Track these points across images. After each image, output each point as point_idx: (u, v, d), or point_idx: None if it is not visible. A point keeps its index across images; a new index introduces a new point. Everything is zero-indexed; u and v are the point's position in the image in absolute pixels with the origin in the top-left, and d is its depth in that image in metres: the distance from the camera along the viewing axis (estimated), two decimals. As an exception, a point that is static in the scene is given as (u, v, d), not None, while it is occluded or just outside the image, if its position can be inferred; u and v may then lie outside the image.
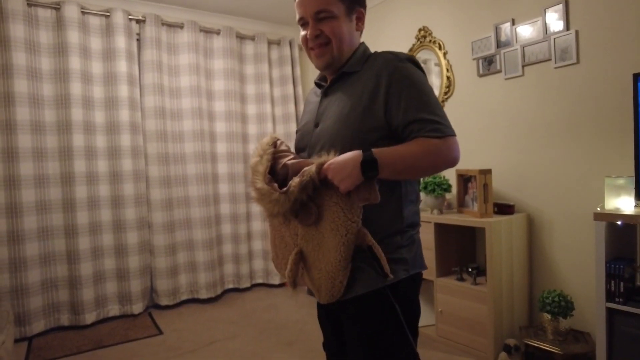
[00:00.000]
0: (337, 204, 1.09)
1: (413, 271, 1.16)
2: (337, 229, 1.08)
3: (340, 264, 1.08)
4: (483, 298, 2.37)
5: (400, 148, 1.07)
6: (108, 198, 3.23)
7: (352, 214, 1.08)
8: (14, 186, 2.85)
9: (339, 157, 1.06)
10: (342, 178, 1.04)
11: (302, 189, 1.07)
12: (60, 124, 3.04)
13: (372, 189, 1.06)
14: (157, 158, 3.41)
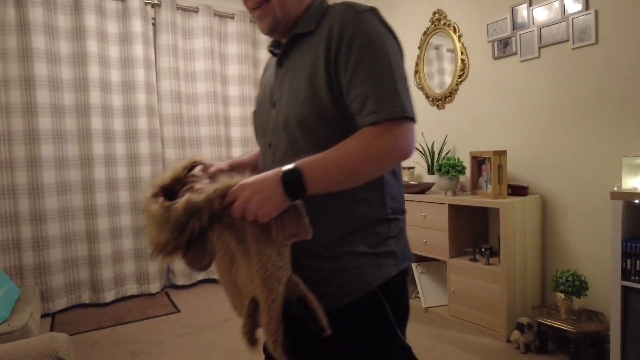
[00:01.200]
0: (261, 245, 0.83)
1: (403, 265, 1.01)
2: (264, 282, 0.83)
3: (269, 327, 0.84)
4: (496, 278, 2.40)
5: (333, 151, 0.84)
6: (126, 180, 3.29)
7: (281, 259, 0.84)
8: (36, 168, 2.92)
9: (252, 178, 0.83)
10: (259, 203, 0.80)
11: (190, 209, 0.78)
12: (79, 107, 3.10)
13: (300, 218, 0.83)
14: (173, 141, 3.46)
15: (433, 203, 2.76)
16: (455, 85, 3.03)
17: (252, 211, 0.80)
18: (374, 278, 0.95)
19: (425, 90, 3.28)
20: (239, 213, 0.81)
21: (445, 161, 2.73)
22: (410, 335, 1.01)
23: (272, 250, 0.84)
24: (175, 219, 0.78)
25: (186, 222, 0.78)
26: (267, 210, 0.81)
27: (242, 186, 0.82)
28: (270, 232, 0.83)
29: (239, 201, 0.81)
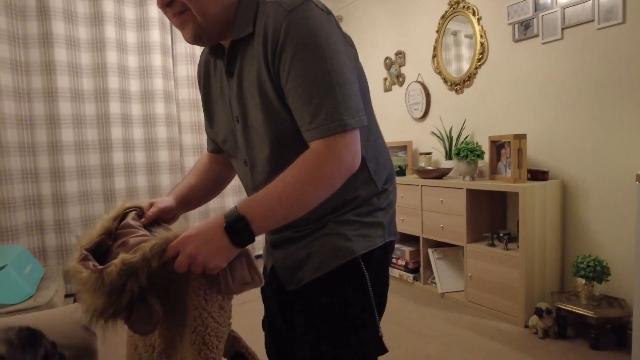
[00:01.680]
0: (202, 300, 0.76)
1: (389, 238, 0.99)
2: (204, 341, 0.75)
3: None
4: (515, 263, 2.37)
5: (275, 185, 0.79)
6: (144, 164, 3.33)
7: (222, 314, 0.78)
8: (57, 152, 2.97)
9: (194, 228, 0.78)
10: (206, 256, 0.75)
11: (126, 271, 0.71)
12: (97, 92, 3.13)
13: (251, 264, 0.79)
14: (190, 126, 3.49)
15: (451, 188, 2.73)
16: (474, 69, 2.98)
17: (199, 265, 0.75)
18: (358, 246, 0.93)
19: (444, 75, 3.24)
20: (184, 268, 0.75)
21: (463, 145, 2.70)
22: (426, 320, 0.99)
23: (214, 306, 0.77)
24: (110, 283, 0.71)
25: (123, 284, 0.71)
26: (217, 263, 0.76)
27: (185, 239, 0.76)
28: (214, 286, 0.77)
29: (182, 256, 0.75)
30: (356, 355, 0.92)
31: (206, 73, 1.04)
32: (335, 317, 0.92)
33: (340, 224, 0.93)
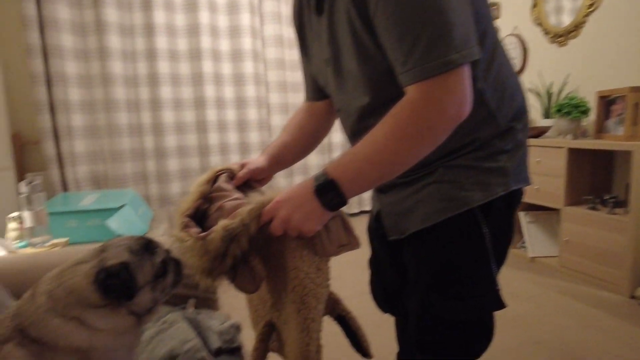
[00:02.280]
0: (298, 261, 0.77)
1: (515, 186, 0.85)
2: (302, 300, 0.77)
3: (308, 349, 0.78)
4: (622, 228, 2.19)
5: (365, 144, 0.73)
6: (235, 122, 3.49)
7: (320, 275, 0.79)
8: (158, 108, 3.21)
9: (285, 192, 0.77)
10: (300, 220, 0.74)
11: (227, 237, 0.73)
12: (192, 52, 3.29)
13: (347, 226, 0.79)
14: (277, 85, 3.57)
15: (550, 147, 2.55)
16: (582, 17, 2.70)
17: (293, 229, 0.75)
18: (474, 196, 0.82)
19: (544, 26, 2.97)
20: (279, 232, 0.76)
21: (566, 101, 2.49)
22: (515, 282, 0.93)
23: (311, 267, 0.78)
24: (214, 249, 0.74)
25: (225, 249, 0.74)
26: (311, 226, 0.75)
27: (277, 204, 0.76)
28: (310, 247, 0.77)
29: (277, 220, 0.75)
30: (469, 308, 0.89)
31: (300, 10, 0.99)
32: (447, 269, 0.87)
33: (452, 170, 0.83)
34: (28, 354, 0.72)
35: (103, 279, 0.73)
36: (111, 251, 0.78)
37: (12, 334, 0.73)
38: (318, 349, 0.79)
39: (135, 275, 0.76)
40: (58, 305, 0.74)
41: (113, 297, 0.75)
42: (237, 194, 0.87)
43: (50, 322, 0.73)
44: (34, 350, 0.72)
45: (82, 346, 0.73)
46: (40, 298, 0.75)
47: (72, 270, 0.77)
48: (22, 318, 0.74)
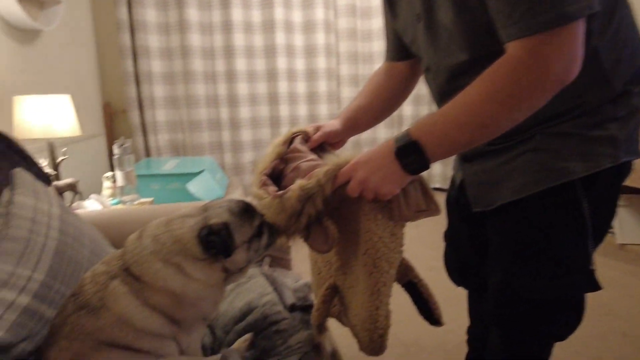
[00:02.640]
0: (372, 224, 0.76)
1: (625, 158, 0.76)
2: (374, 264, 0.76)
3: (377, 313, 0.77)
4: None
5: (455, 105, 0.67)
6: (305, 94, 3.52)
7: (394, 240, 0.77)
8: (233, 80, 3.31)
9: (364, 154, 0.74)
10: (378, 182, 0.71)
11: (304, 196, 0.74)
12: (265, 23, 3.33)
13: (426, 191, 0.75)
14: (348, 57, 3.54)
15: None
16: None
17: (370, 191, 0.73)
18: (576, 167, 0.74)
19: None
20: (355, 193, 0.74)
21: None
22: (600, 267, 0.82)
23: (385, 231, 0.76)
24: (290, 207, 0.75)
25: (301, 208, 0.75)
26: (388, 189, 0.72)
27: (355, 165, 0.73)
28: (386, 211, 0.75)
29: (354, 182, 0.73)
30: (559, 287, 0.83)
31: None
32: (537, 245, 0.82)
33: (552, 138, 0.76)
34: (130, 291, 0.79)
35: (205, 235, 0.79)
36: (214, 210, 0.83)
37: (119, 272, 0.81)
38: (387, 314, 0.78)
39: (234, 234, 0.81)
40: (162, 250, 0.80)
41: (212, 253, 0.80)
42: (312, 156, 0.88)
43: (153, 264, 0.80)
44: (135, 288, 0.79)
45: (176, 290, 0.80)
46: (147, 240, 0.82)
47: (180, 221, 0.83)
48: (127, 257, 0.82)
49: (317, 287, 0.97)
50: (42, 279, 0.87)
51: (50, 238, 0.94)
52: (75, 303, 0.80)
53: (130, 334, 0.79)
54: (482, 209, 0.90)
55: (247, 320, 0.99)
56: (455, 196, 1.06)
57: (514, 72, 0.63)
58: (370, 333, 0.77)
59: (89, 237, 1.10)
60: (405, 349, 1.69)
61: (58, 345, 0.78)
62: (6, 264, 0.83)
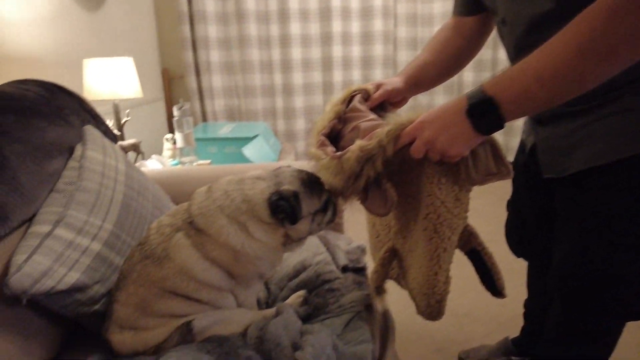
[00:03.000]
0: (435, 188, 0.72)
1: None
2: (435, 229, 0.73)
3: (436, 278, 0.75)
4: None
5: (536, 56, 0.61)
6: (359, 59, 3.43)
7: (458, 205, 0.73)
8: (286, 45, 3.29)
9: (431, 112, 0.70)
10: (445, 143, 0.67)
11: (363, 157, 0.71)
12: (321, -14, 3.25)
13: (498, 153, 0.69)
14: (406, 18, 3.39)
15: None
16: None
17: (437, 152, 0.68)
18: None
19: None
20: (420, 155, 0.70)
21: None
22: None
23: (449, 195, 0.72)
24: (348, 168, 0.73)
25: (360, 170, 0.72)
26: (457, 151, 0.67)
27: (421, 124, 0.69)
28: (451, 174, 0.70)
29: (419, 142, 0.69)
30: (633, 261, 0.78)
31: None
32: (617, 216, 0.77)
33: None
34: (192, 244, 0.82)
35: (275, 200, 0.80)
36: (286, 177, 0.84)
37: (183, 225, 0.84)
38: (446, 280, 0.76)
39: (302, 204, 0.82)
40: (230, 207, 0.83)
41: (278, 218, 0.81)
42: (372, 115, 0.85)
43: (218, 218, 0.82)
44: (197, 241, 0.83)
45: (236, 247, 0.82)
46: (216, 194, 0.85)
47: (252, 182, 0.85)
48: (193, 209, 0.85)
49: (374, 251, 0.97)
50: (111, 229, 0.92)
51: (118, 191, 1.00)
52: (141, 252, 0.85)
53: (191, 285, 0.83)
54: (554, 176, 0.85)
55: (300, 278, 1.01)
56: (524, 162, 1.01)
57: (611, 18, 0.56)
58: (427, 298, 0.76)
59: (152, 192, 1.15)
60: (457, 319, 1.67)
61: (126, 289, 0.84)
62: (81, 213, 0.89)
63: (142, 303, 0.83)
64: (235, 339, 0.79)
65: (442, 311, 0.77)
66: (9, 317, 0.77)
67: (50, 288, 0.77)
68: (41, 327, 0.83)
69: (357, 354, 0.77)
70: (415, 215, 0.78)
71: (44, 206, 0.89)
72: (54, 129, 1.04)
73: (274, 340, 0.74)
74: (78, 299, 0.83)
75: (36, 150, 0.95)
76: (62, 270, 0.79)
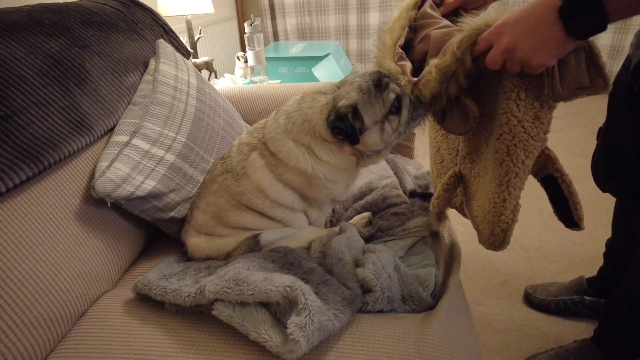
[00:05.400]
0: (512, 105, 0.62)
1: None
2: (508, 151, 0.65)
3: (504, 205, 0.68)
4: None
5: None
6: None
7: (537, 125, 0.63)
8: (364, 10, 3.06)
9: (514, 12, 0.58)
10: (528, 51, 0.56)
11: (443, 77, 0.64)
12: None
13: (596, 61, 0.56)
14: None
15: None
16: None
17: (517, 62, 0.58)
18: None
19: None
20: (497, 65, 0.60)
21: None
22: None
23: (527, 113, 0.63)
24: (429, 92, 0.68)
25: (443, 90, 0.67)
26: (542, 60, 0.57)
27: (501, 28, 0.58)
28: (532, 89, 0.61)
29: (496, 50, 0.59)
30: None
31: None
32: None
33: None
34: (266, 165, 0.82)
35: (333, 120, 0.75)
36: (345, 88, 0.77)
37: (258, 145, 0.84)
38: (515, 208, 0.69)
39: (363, 116, 0.75)
40: (293, 130, 0.80)
41: (339, 138, 0.77)
42: (446, 22, 0.74)
43: (285, 142, 0.81)
44: (270, 162, 0.82)
45: (307, 171, 0.81)
46: (282, 117, 0.83)
47: (312, 98, 0.80)
48: (266, 131, 0.84)
49: (437, 176, 0.92)
50: (184, 141, 0.95)
51: (190, 105, 1.02)
52: (223, 165, 0.88)
53: (266, 203, 0.84)
54: None
55: (366, 199, 1.00)
56: (626, 83, 0.87)
57: None
58: (492, 226, 0.70)
59: (223, 108, 1.16)
60: (525, 253, 1.60)
61: (206, 198, 0.88)
62: (155, 125, 0.92)
63: (219, 212, 0.87)
64: (300, 251, 0.81)
65: (507, 241, 0.70)
66: (99, 219, 0.85)
67: (130, 193, 0.82)
68: (126, 229, 0.91)
69: (420, 277, 0.76)
70: (487, 136, 0.71)
71: (123, 118, 0.94)
72: (130, 44, 1.06)
73: (337, 256, 0.75)
74: (155, 205, 0.89)
75: (115, 64, 0.98)
76: (140, 177, 0.84)
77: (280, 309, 0.64)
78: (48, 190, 0.76)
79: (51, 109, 0.78)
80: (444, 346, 0.62)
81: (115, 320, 0.73)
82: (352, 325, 0.67)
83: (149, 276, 0.77)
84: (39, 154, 0.73)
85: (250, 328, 0.62)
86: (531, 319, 1.32)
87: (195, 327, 0.69)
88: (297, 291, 0.61)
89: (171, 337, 0.67)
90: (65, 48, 0.87)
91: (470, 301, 1.40)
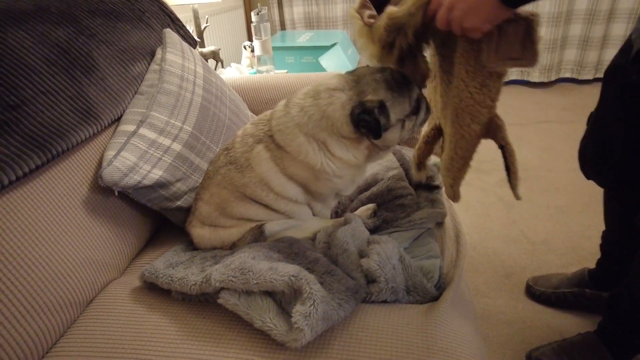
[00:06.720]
0: (462, 70, 0.66)
1: None
2: (456, 113, 0.69)
3: (450, 164, 0.74)
4: None
5: None
6: None
7: (483, 92, 0.66)
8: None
9: None
10: (463, 11, 0.60)
11: (392, 26, 0.68)
12: None
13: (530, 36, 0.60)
14: None
15: None
16: None
17: (455, 21, 0.62)
18: None
19: None
20: (442, 23, 0.64)
21: None
22: None
23: (475, 79, 0.66)
24: (378, 38, 0.72)
25: (392, 40, 0.71)
26: (475, 22, 0.60)
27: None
28: (479, 55, 0.64)
29: (442, 10, 0.63)
30: None
31: None
32: None
33: None
34: (271, 157, 0.82)
35: (358, 114, 0.74)
36: (369, 84, 0.76)
37: (264, 137, 0.83)
38: (463, 167, 0.74)
39: (390, 113, 0.75)
40: (308, 124, 0.79)
41: (362, 133, 0.77)
42: None
43: (296, 137, 0.80)
44: (276, 155, 0.82)
45: (315, 166, 0.80)
46: (293, 110, 0.81)
47: (329, 94, 0.78)
48: (273, 124, 0.83)
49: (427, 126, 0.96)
50: (190, 130, 0.96)
51: (196, 94, 1.02)
52: (226, 157, 0.87)
53: (270, 195, 0.84)
54: None
55: (371, 191, 1.00)
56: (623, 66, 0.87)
57: None
58: (445, 179, 0.78)
59: (229, 97, 1.16)
60: (532, 246, 1.60)
61: (210, 190, 0.88)
62: (162, 114, 0.92)
63: (223, 204, 0.87)
64: (305, 241, 0.82)
65: (457, 195, 0.78)
66: (107, 208, 0.85)
67: (137, 182, 0.83)
68: (133, 217, 0.92)
69: (424, 268, 0.76)
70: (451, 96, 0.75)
71: (129, 107, 0.94)
72: (136, 33, 1.05)
73: (341, 246, 0.75)
74: (162, 194, 0.90)
75: (122, 53, 0.98)
76: (147, 167, 0.85)
77: (285, 298, 0.65)
78: (56, 178, 0.77)
79: (59, 98, 0.79)
80: (448, 337, 0.63)
81: (122, 307, 0.75)
82: (356, 315, 0.67)
83: (155, 264, 0.78)
84: (47, 142, 0.73)
85: (255, 316, 0.62)
86: (535, 312, 1.32)
87: (201, 315, 0.70)
88: (302, 281, 0.62)
89: (177, 324, 0.68)
90: (72, 37, 0.87)
91: (474, 293, 1.40)
